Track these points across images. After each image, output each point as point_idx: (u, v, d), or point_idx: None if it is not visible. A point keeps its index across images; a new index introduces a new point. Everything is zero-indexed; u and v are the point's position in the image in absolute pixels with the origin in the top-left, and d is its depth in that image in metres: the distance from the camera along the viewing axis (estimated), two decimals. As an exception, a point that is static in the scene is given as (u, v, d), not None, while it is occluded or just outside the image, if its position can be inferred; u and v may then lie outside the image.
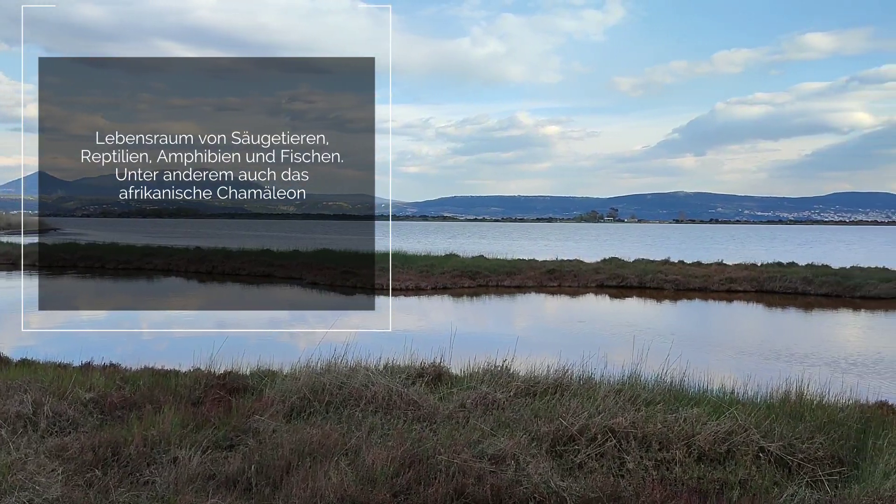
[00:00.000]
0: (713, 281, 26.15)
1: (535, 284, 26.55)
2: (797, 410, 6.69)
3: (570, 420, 6.08)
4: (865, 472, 5.51)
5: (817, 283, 24.79)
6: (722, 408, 6.41)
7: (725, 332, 18.21)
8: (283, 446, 5.56)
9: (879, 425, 6.61)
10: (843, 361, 12.87)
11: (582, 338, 15.14)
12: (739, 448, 5.74)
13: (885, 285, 23.99)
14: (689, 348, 13.34)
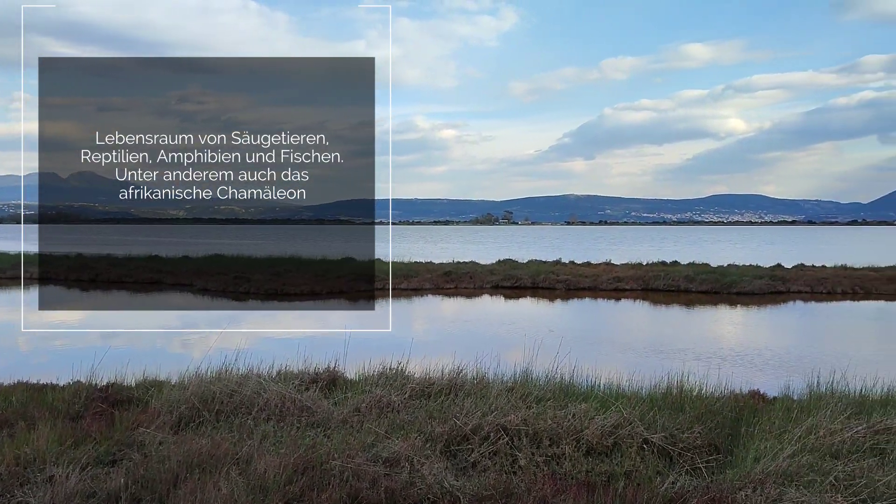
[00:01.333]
0: (602, 280, 27.10)
1: (432, 287, 26.71)
2: (678, 402, 7.03)
3: (464, 420, 6.16)
4: (738, 457, 5.86)
5: (698, 281, 26.11)
6: (609, 402, 6.65)
7: (613, 329, 18.90)
8: (170, 459, 5.37)
9: (751, 413, 7.04)
10: (720, 355, 13.60)
11: (477, 338, 15.35)
12: (625, 440, 5.97)
13: (758, 282, 25.59)
14: (579, 346, 13.78)
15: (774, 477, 5.19)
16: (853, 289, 25.42)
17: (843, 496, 4.88)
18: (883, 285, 25.68)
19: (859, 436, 5.90)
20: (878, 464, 5.42)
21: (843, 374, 7.62)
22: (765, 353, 13.83)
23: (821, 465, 5.33)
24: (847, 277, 26.72)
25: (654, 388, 7.70)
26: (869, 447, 5.78)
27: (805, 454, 5.54)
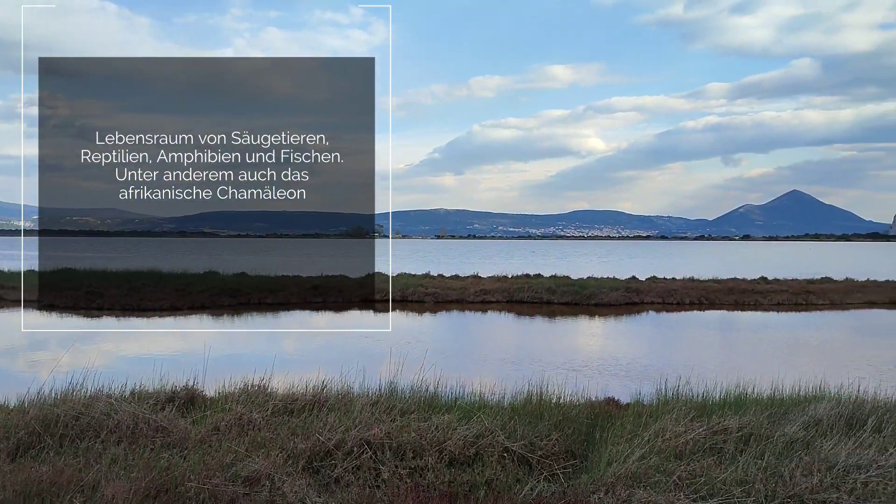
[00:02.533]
0: (469, 293, 27.62)
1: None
2: (538, 411, 7.26)
3: (328, 435, 6.09)
4: (593, 462, 6.12)
5: (559, 293, 27.13)
6: (471, 413, 6.78)
7: (479, 341, 19.28)
8: (6, 489, 4.98)
9: (606, 419, 7.37)
10: (579, 364, 14.18)
11: (343, 352, 15.21)
12: (486, 450, 6.10)
13: (614, 293, 26.93)
14: (445, 358, 13.96)
15: (625, 479, 5.47)
16: (699, 299, 27.26)
17: (685, 494, 5.20)
18: (724, 296, 27.72)
19: (700, 437, 6.31)
20: (716, 462, 5.81)
21: (687, 381, 8.14)
22: (620, 362, 14.54)
23: (666, 466, 5.66)
24: (694, 289, 28.61)
25: (516, 397, 7.92)
26: (709, 447, 6.20)
27: (653, 456, 5.87)
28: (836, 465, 5.47)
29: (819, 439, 6.11)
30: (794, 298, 27.73)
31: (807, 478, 5.27)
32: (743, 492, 5.20)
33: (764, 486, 5.24)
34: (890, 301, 28.18)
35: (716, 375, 9.02)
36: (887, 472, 5.34)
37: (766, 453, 5.78)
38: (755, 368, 10.76)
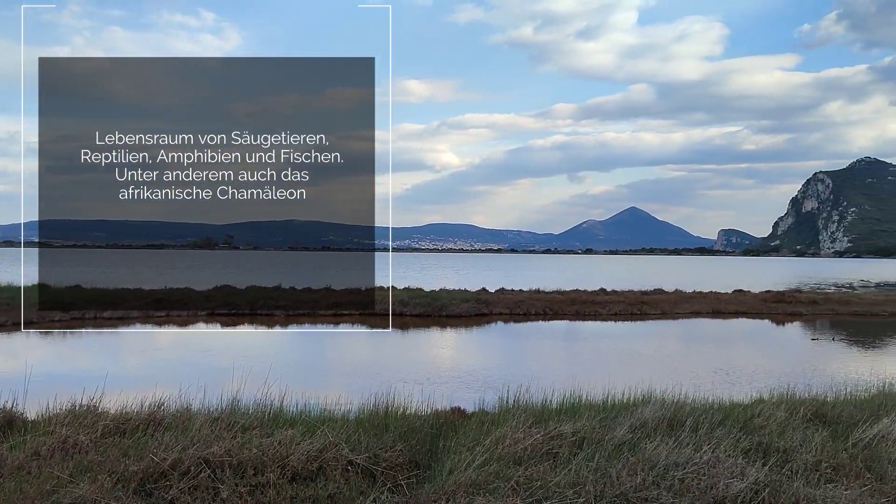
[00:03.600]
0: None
1: (140, 315, 24.87)
2: (383, 422, 7.29)
3: (163, 455, 5.82)
4: (436, 471, 6.22)
5: (412, 304, 27.40)
6: (316, 427, 6.70)
7: (329, 353, 19.10)
8: None
9: (450, 428, 7.52)
10: (427, 374, 14.37)
11: (185, 369, 14.60)
12: (330, 464, 6.05)
13: (465, 304, 27.57)
14: (293, 371, 13.73)
15: (465, 487, 5.60)
16: (544, 310, 28.43)
17: (521, 498, 5.40)
18: (567, 307, 29.11)
19: (538, 442, 6.58)
20: (552, 466, 6.08)
21: (527, 388, 8.46)
22: (467, 372, 14.88)
23: (505, 472, 5.85)
24: (539, 300, 29.81)
25: (362, 409, 7.91)
26: (545, 452, 6.47)
27: (493, 463, 6.05)
28: (658, 463, 5.87)
29: (644, 440, 6.53)
30: (629, 309, 29.53)
31: (632, 477, 5.62)
32: (575, 493, 5.47)
33: (594, 486, 5.54)
34: (712, 310, 30.68)
35: (554, 383, 9.44)
36: (701, 468, 5.80)
37: (597, 455, 6.11)
38: (591, 375, 11.35)
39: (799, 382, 10.27)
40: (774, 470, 5.87)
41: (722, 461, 5.93)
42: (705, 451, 6.09)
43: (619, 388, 8.90)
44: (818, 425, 7.27)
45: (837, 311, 31.74)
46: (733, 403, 8.16)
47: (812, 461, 6.17)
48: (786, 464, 6.12)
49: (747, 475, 5.64)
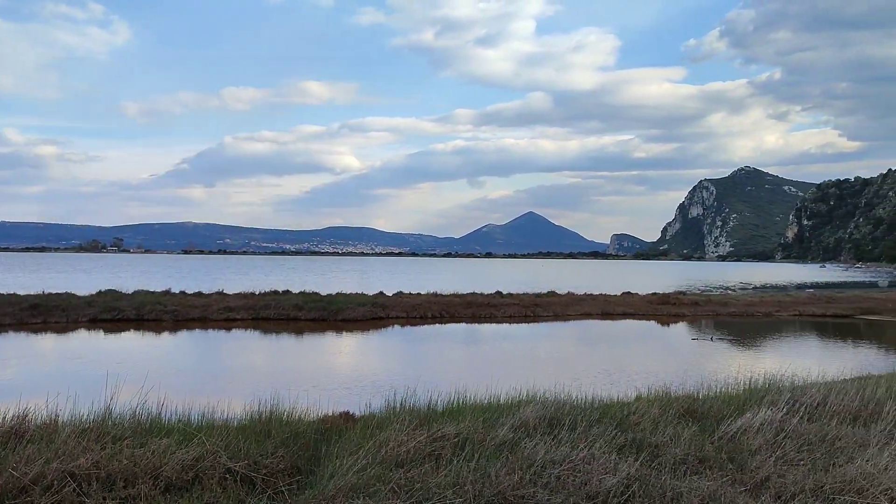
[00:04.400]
0: (213, 310, 26.50)
1: (13, 322, 23.41)
2: (266, 428, 7.14)
3: (24, 469, 5.49)
4: (318, 476, 6.15)
5: (307, 309, 27.01)
6: (193, 435, 6.49)
7: (217, 359, 18.55)
8: None
9: (336, 433, 7.45)
10: (317, 378, 14.19)
11: (56, 377, 13.85)
12: (207, 472, 5.87)
13: (361, 308, 27.41)
14: (176, 378, 13.26)
15: (346, 491, 5.55)
16: (441, 313, 28.63)
17: (401, 500, 5.40)
18: (463, 309, 29.42)
19: (421, 444, 6.60)
20: (434, 468, 6.11)
21: (414, 391, 8.49)
22: (361, 375, 14.80)
23: (387, 475, 5.84)
24: (436, 303, 30.00)
25: (245, 415, 7.73)
26: (428, 454, 6.50)
27: (375, 466, 6.03)
28: (536, 462, 6.01)
29: (525, 440, 6.67)
30: (524, 311, 30.15)
31: (510, 476, 5.73)
32: (454, 493, 5.52)
33: (473, 486, 5.60)
34: (602, 312, 31.74)
35: (442, 385, 9.52)
36: (577, 465, 5.97)
37: (478, 456, 6.19)
38: (480, 377, 11.50)
39: (675, 381, 10.75)
40: (645, 464, 6.11)
41: (597, 458, 6.13)
42: (582, 449, 6.27)
43: (505, 389, 9.06)
44: (689, 421, 7.62)
45: (717, 312, 33.45)
46: (612, 402, 8.46)
47: (681, 455, 6.46)
48: (656, 458, 6.38)
49: (620, 470, 5.85)
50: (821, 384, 9.21)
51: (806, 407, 7.85)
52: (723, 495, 5.47)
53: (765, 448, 6.62)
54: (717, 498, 5.43)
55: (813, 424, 7.24)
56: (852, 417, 7.64)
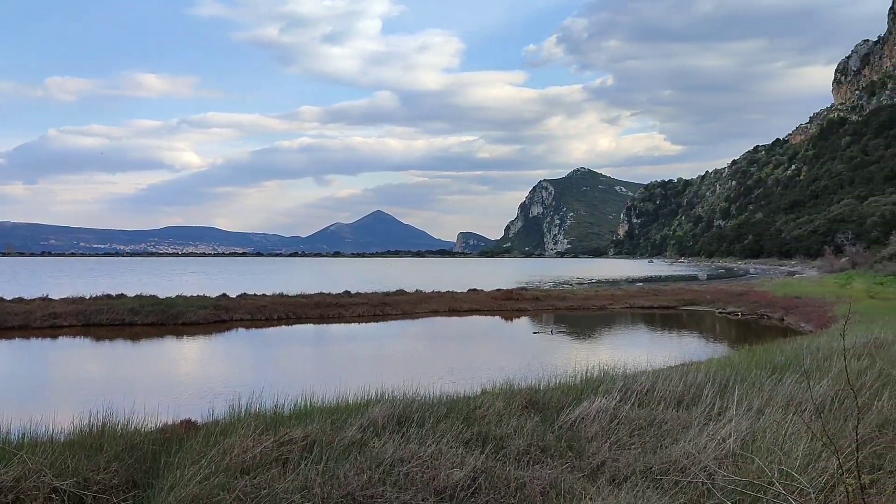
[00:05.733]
0: (35, 317, 24.46)
1: None
2: (98, 442, 6.69)
3: None
4: (157, 489, 5.84)
5: (144, 313, 25.56)
6: (13, 453, 5.97)
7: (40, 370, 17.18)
8: None
9: (176, 442, 7.10)
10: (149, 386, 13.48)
11: None
12: (29, 493, 5.41)
13: (203, 311, 26.31)
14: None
15: (187, 503, 5.32)
16: (287, 314, 28.04)
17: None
18: (311, 310, 28.98)
19: (268, 449, 6.43)
20: (281, 473, 5.98)
21: (260, 394, 8.27)
22: (202, 381, 14.21)
23: (231, 483, 5.64)
24: (283, 304, 29.35)
25: (74, 429, 7.20)
26: (275, 458, 6.34)
27: (218, 475, 5.80)
28: (385, 460, 6.03)
29: (373, 439, 6.67)
30: (372, 310, 30.16)
31: (358, 476, 5.71)
32: (302, 497, 5.43)
33: (321, 489, 5.54)
34: (449, 309, 32.37)
35: (288, 388, 9.33)
36: (425, 461, 6.05)
37: (326, 458, 6.13)
38: (327, 378, 11.40)
39: (519, 374, 11.14)
40: (491, 457, 6.29)
41: (444, 453, 6.24)
42: (430, 445, 6.36)
43: (354, 389, 9.02)
44: (531, 412, 7.93)
45: (556, 307, 35.05)
46: (459, 397, 8.63)
47: (524, 445, 6.70)
48: (501, 450, 6.59)
49: (466, 464, 5.99)
50: (649, 372, 9.86)
51: (637, 394, 8.39)
52: (563, 482, 5.74)
53: (600, 435, 7.01)
54: (557, 485, 5.68)
55: (643, 410, 7.74)
56: (677, 402, 8.24)
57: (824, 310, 24.74)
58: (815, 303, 27.75)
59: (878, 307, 21.01)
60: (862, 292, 30.92)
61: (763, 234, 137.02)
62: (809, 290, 35.49)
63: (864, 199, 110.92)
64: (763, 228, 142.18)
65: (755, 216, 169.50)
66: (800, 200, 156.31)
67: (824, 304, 26.26)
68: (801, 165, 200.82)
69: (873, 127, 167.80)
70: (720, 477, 5.14)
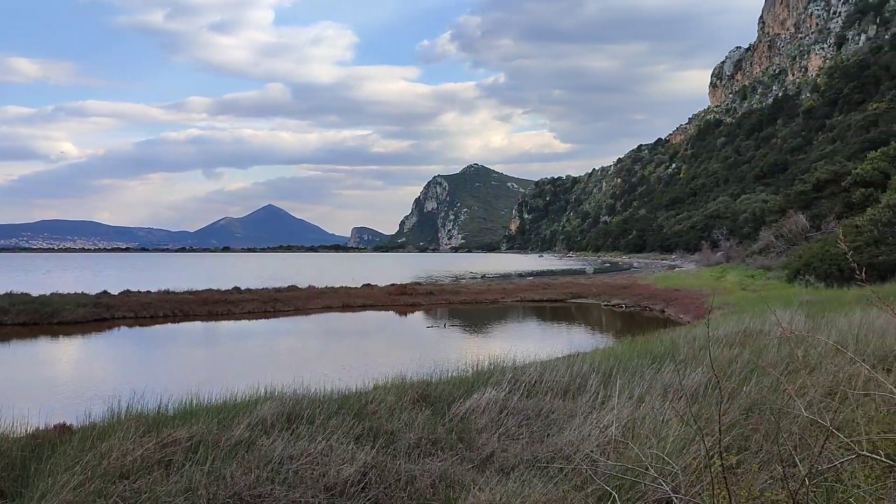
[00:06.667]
0: None
1: None
2: (-43, 452, 6.25)
3: None
4: (26, 498, 5.51)
5: (14, 312, 24.00)
6: None
7: None
8: None
9: (49, 448, 6.72)
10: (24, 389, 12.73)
11: None
12: None
13: (81, 310, 24.96)
14: None
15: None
16: (174, 312, 27.01)
17: (126, 514, 5.03)
18: (198, 307, 28.04)
19: (149, 452, 6.19)
20: (164, 475, 5.77)
21: (143, 395, 7.93)
22: (79, 383, 13.51)
23: (108, 489, 5.39)
24: (169, 301, 28.25)
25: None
26: (158, 460, 6.11)
27: (95, 480, 5.54)
28: (273, 458, 5.92)
29: (262, 437, 6.54)
30: (263, 306, 29.50)
31: (246, 476, 5.58)
32: (186, 499, 5.26)
33: (207, 490, 5.38)
34: (343, 304, 32.09)
35: (173, 387, 9.01)
36: (315, 458, 5.98)
37: (212, 458, 5.95)
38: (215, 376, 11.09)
39: (411, 368, 11.18)
40: (382, 451, 6.29)
41: (335, 448, 6.19)
42: (320, 441, 6.30)
43: (243, 387, 8.80)
44: (423, 405, 7.98)
45: (450, 301, 35.40)
46: (351, 392, 8.57)
47: (415, 439, 6.74)
48: (393, 444, 6.60)
49: (357, 459, 5.96)
50: (538, 363, 10.10)
51: (525, 385, 8.59)
52: (452, 473, 5.81)
53: (490, 426, 7.14)
54: (447, 477, 5.75)
55: (531, 400, 7.93)
56: (563, 392, 8.49)
57: (701, 301, 26.13)
58: (693, 295, 29.27)
59: (749, 298, 22.38)
60: (735, 285, 32.85)
61: (646, 230, 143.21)
62: (688, 283, 37.40)
63: (737, 196, 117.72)
64: (646, 224, 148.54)
65: (639, 212, 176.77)
66: (680, 197, 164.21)
67: (701, 296, 27.73)
68: (681, 164, 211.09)
69: (745, 129, 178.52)
70: (602, 464, 5.34)
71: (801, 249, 34.09)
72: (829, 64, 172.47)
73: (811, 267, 27.37)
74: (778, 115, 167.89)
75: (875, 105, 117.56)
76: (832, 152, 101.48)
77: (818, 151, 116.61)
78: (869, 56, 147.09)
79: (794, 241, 40.63)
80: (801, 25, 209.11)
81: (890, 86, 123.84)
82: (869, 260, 23.71)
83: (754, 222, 71.27)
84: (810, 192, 46.42)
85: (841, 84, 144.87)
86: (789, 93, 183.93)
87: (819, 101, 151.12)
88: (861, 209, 32.35)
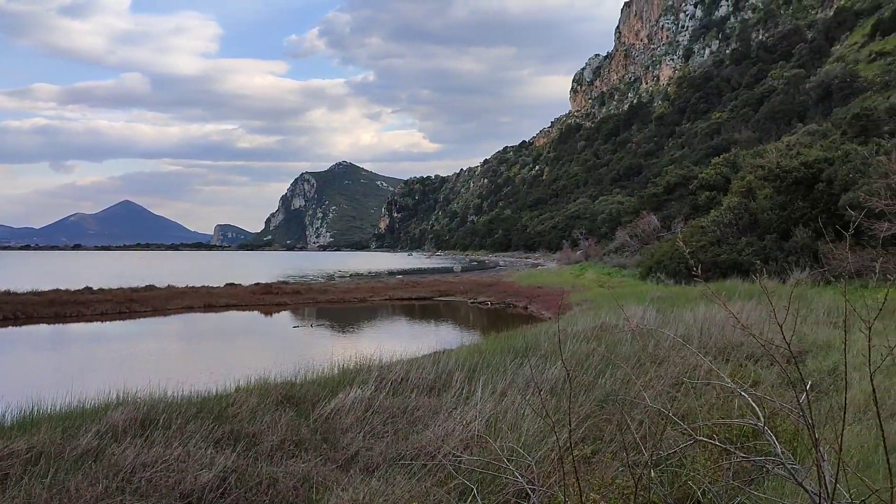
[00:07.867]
0: None
1: None
2: None
3: None
4: None
5: None
6: None
7: None
8: None
9: None
10: None
11: None
12: None
13: None
14: None
15: None
16: (15, 314, 25.03)
17: (-47, 535, 4.61)
18: (44, 308, 26.12)
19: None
20: (1, 490, 5.35)
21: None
22: None
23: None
24: (9, 303, 26.14)
25: None
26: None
27: None
28: (124, 467, 5.61)
29: (112, 445, 6.18)
30: (118, 307, 27.90)
31: (93, 487, 5.26)
32: (21, 516, 4.90)
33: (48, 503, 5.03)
34: (205, 304, 30.90)
35: (11, 396, 8.36)
36: (171, 464, 5.72)
37: (55, 469, 5.57)
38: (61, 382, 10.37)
39: (276, 369, 10.92)
40: (242, 455, 6.11)
41: (192, 454, 5.95)
42: (176, 447, 6.03)
43: (93, 393, 8.28)
44: (287, 406, 7.81)
45: (317, 300, 34.91)
46: (210, 395, 8.27)
47: (277, 441, 6.59)
48: (254, 447, 6.42)
49: (216, 464, 5.75)
50: (405, 361, 10.15)
51: (392, 383, 8.61)
52: (316, 474, 5.73)
53: (355, 425, 7.10)
54: (310, 478, 5.66)
55: (397, 398, 7.96)
56: (429, 388, 8.58)
57: (562, 298, 27.17)
58: (555, 292, 30.37)
59: (606, 295, 23.46)
60: (593, 282, 34.41)
61: (511, 229, 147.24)
62: (550, 281, 38.79)
63: (596, 198, 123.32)
64: (511, 224, 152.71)
65: (504, 212, 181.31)
66: (543, 198, 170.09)
67: (562, 293, 28.83)
68: (544, 166, 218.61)
69: (603, 133, 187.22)
70: (465, 459, 5.43)
71: (653, 248, 36.20)
72: (678, 74, 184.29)
73: (662, 265, 29.14)
74: (633, 121, 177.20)
75: (717, 114, 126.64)
76: (681, 157, 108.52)
77: (668, 156, 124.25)
78: (712, 69, 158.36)
79: (647, 240, 43.08)
80: (654, 37, 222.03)
81: (731, 97, 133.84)
82: (712, 258, 25.52)
83: (611, 222, 74.91)
84: (661, 195, 49.42)
85: (688, 93, 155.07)
86: (643, 100, 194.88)
87: (669, 108, 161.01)
88: (706, 211, 34.78)
